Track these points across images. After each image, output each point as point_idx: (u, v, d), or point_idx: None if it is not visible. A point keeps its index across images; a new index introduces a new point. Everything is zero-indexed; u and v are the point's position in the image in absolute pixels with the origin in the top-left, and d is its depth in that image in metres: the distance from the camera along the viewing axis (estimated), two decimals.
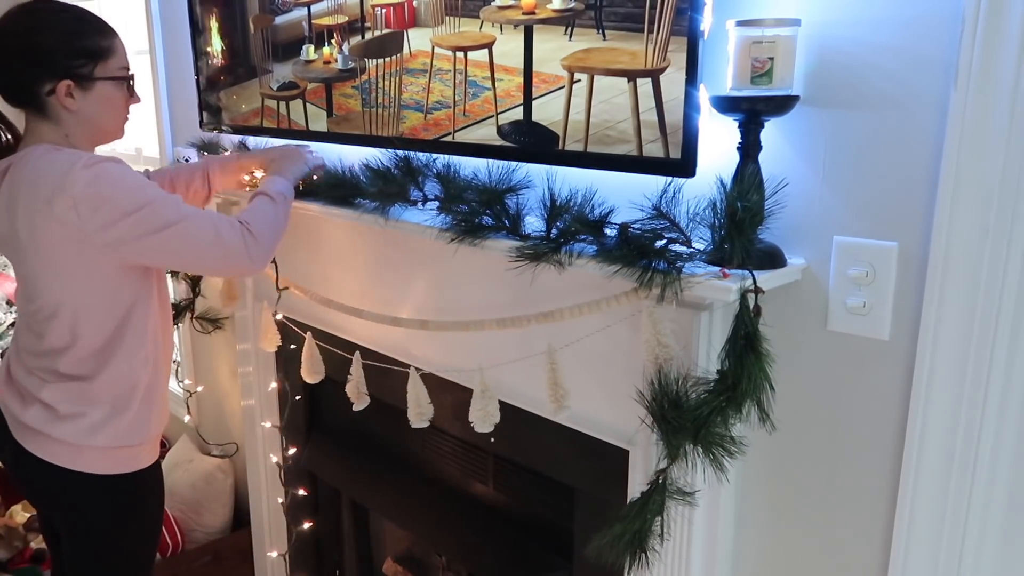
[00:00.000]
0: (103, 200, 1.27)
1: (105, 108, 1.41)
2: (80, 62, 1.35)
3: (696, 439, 1.02)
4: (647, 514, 1.06)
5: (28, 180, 1.31)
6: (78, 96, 1.36)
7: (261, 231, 1.38)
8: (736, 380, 1.01)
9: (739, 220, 0.97)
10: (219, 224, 1.34)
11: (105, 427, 1.44)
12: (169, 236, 1.31)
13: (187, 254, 1.36)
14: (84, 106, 1.38)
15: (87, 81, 1.37)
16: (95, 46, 1.37)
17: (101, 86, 1.38)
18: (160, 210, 1.30)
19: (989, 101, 0.88)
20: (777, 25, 0.98)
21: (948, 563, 1.02)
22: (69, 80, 1.35)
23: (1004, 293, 0.92)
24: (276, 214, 1.44)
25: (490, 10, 1.31)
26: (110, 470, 1.46)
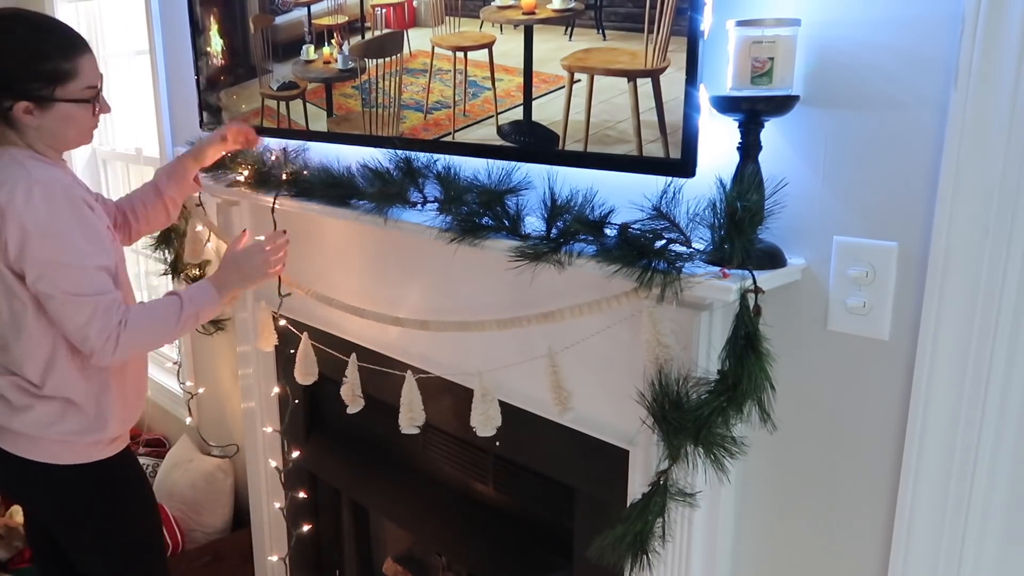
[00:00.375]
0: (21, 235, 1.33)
1: (66, 125, 1.42)
2: (37, 85, 1.37)
3: (697, 440, 1.02)
4: (648, 515, 1.06)
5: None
6: (37, 114, 1.39)
7: (133, 338, 1.40)
8: (737, 380, 1.01)
9: (739, 220, 0.97)
10: (98, 316, 1.36)
11: (59, 423, 1.48)
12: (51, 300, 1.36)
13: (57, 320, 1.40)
14: (44, 123, 1.40)
15: (46, 102, 1.38)
16: (55, 70, 1.37)
17: (61, 107, 1.40)
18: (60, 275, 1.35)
19: (989, 101, 0.88)
20: (777, 25, 0.98)
21: (948, 563, 1.01)
22: (26, 101, 1.37)
23: (1004, 293, 0.92)
24: (165, 325, 1.44)
25: (490, 10, 1.31)
26: (71, 460, 1.50)
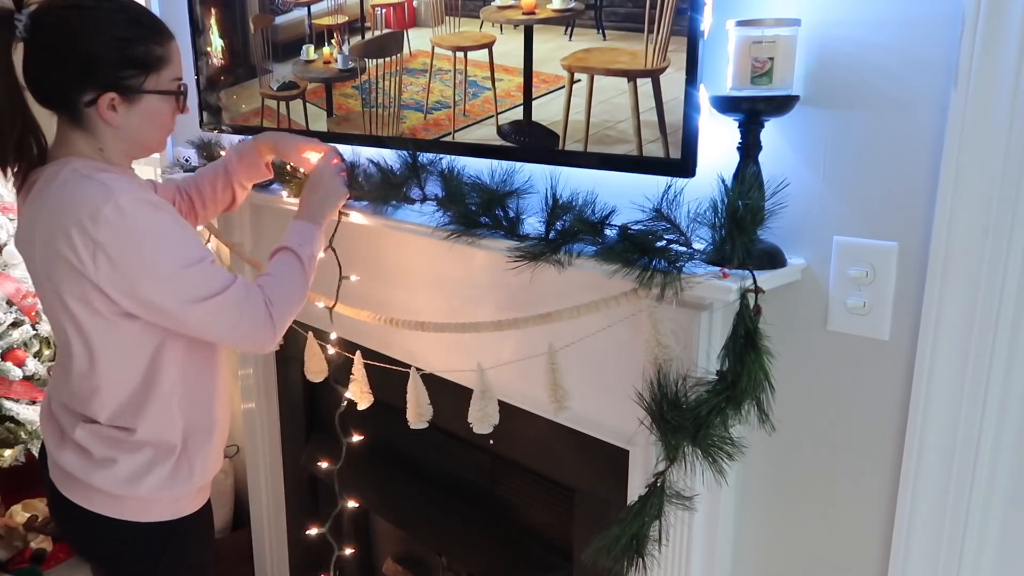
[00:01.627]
0: (125, 255, 1.13)
1: (150, 123, 1.24)
2: (129, 73, 1.18)
3: (695, 440, 1.02)
4: (644, 518, 1.06)
5: (51, 208, 1.16)
6: (122, 110, 1.19)
7: (283, 309, 1.24)
8: (736, 379, 1.01)
9: (740, 219, 0.97)
10: (244, 306, 1.20)
11: (144, 477, 1.29)
12: (186, 313, 1.17)
13: (202, 332, 1.22)
14: (127, 120, 1.21)
15: (134, 94, 1.19)
16: (149, 55, 1.19)
17: (149, 100, 1.21)
18: (187, 284, 1.16)
19: (989, 101, 0.88)
20: (777, 25, 0.98)
21: (948, 563, 1.01)
22: (114, 93, 1.17)
23: (1004, 293, 0.92)
24: (298, 281, 1.29)
25: (490, 10, 1.31)
26: (152, 518, 1.33)
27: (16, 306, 2.59)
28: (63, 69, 1.16)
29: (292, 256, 1.30)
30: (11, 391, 2.49)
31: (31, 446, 2.56)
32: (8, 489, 2.66)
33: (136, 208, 1.13)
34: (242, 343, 1.25)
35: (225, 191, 1.55)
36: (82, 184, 1.14)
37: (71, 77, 1.16)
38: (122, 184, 1.15)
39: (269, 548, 2.39)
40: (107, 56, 1.16)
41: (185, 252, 1.17)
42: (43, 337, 2.63)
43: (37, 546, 2.52)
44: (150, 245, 1.13)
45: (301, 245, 1.31)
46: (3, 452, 2.56)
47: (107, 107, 1.17)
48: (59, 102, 1.20)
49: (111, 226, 1.11)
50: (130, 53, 1.17)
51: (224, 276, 1.20)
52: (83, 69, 1.16)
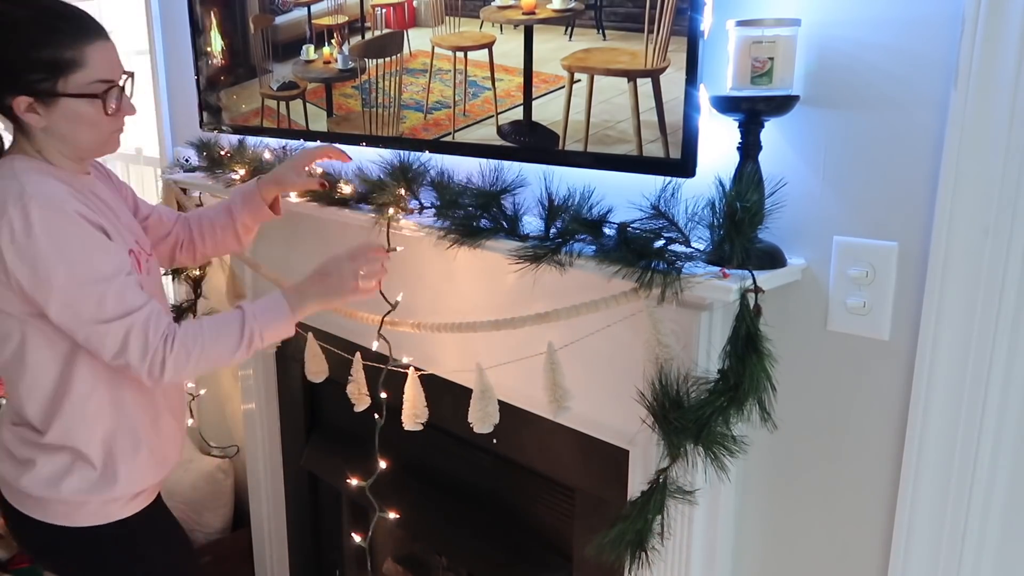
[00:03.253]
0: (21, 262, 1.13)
1: (77, 125, 1.20)
2: (37, 76, 1.16)
3: (698, 439, 1.02)
4: (648, 513, 1.06)
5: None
6: (43, 112, 1.18)
7: (182, 360, 1.18)
8: (738, 380, 1.01)
9: (738, 220, 0.97)
10: (129, 340, 1.15)
11: (64, 480, 1.27)
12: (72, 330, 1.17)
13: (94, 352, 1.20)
14: (52, 123, 1.19)
15: (49, 97, 1.17)
16: (57, 58, 1.16)
17: (67, 103, 1.18)
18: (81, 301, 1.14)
19: (989, 101, 0.88)
20: (777, 25, 0.98)
21: (948, 563, 1.01)
22: (27, 96, 1.16)
23: (1004, 293, 0.92)
24: (226, 347, 1.21)
25: (490, 10, 1.31)
26: (85, 522, 1.30)
27: None
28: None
29: (238, 318, 1.23)
30: None
31: None
32: None
33: (44, 215, 1.12)
34: (126, 374, 1.21)
35: (226, 232, 1.53)
36: (9, 183, 1.15)
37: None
38: (44, 188, 1.15)
39: (269, 548, 2.39)
40: (13, 61, 1.15)
41: (86, 265, 1.14)
42: None
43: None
44: (48, 256, 1.13)
45: (257, 316, 1.23)
46: None
47: (25, 110, 1.17)
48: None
49: (12, 230, 1.12)
50: (35, 56, 1.15)
51: (126, 301, 1.16)
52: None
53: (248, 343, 1.22)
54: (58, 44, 1.16)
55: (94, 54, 1.19)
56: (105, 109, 1.21)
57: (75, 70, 1.17)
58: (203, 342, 1.19)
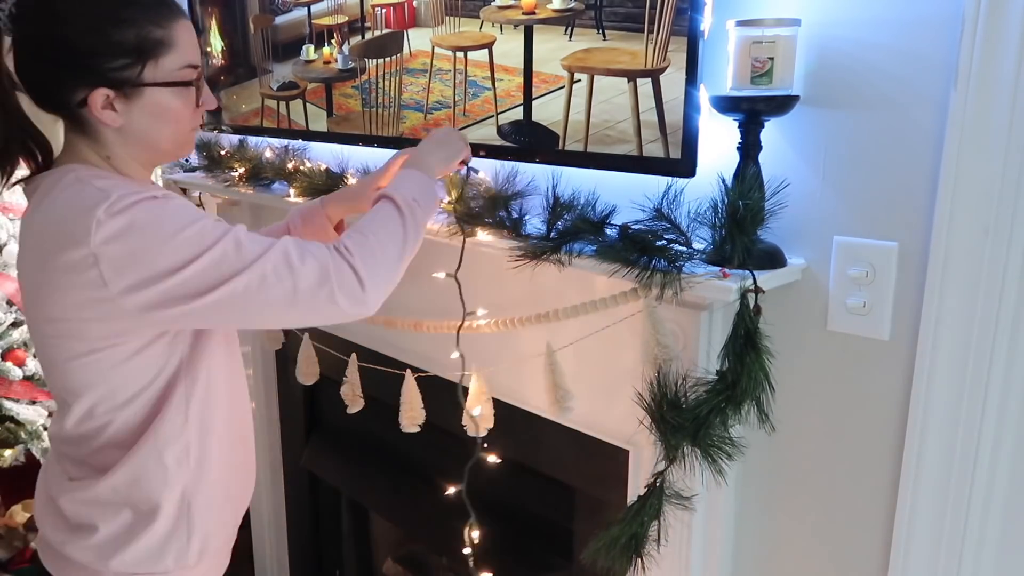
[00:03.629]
0: (134, 256, 0.92)
1: (159, 122, 1.01)
2: (120, 63, 0.96)
3: (695, 440, 1.02)
4: (643, 517, 1.06)
5: (42, 221, 0.98)
6: (121, 108, 0.98)
7: (368, 264, 0.98)
8: (736, 378, 1.01)
9: (740, 219, 0.97)
10: (299, 270, 0.95)
11: (125, 546, 1.06)
12: (225, 297, 0.93)
13: (253, 314, 0.97)
14: (130, 120, 0.99)
15: (132, 88, 0.98)
16: (144, 39, 0.97)
17: (152, 93, 0.99)
18: (214, 263, 0.93)
19: (989, 101, 0.88)
20: (777, 25, 0.98)
21: (948, 563, 1.01)
22: (106, 88, 0.97)
23: (1004, 293, 0.92)
24: (397, 234, 1.03)
25: (490, 10, 1.31)
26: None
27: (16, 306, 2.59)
28: (44, 64, 0.97)
29: (391, 208, 1.05)
30: (11, 391, 2.49)
31: (31, 446, 2.56)
32: (8, 489, 2.66)
33: (134, 207, 0.93)
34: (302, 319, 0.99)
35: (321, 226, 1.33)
36: (74, 189, 0.96)
37: (55, 73, 0.97)
38: (123, 188, 0.95)
39: (269, 548, 2.39)
40: (91, 44, 0.95)
41: (204, 229, 0.94)
42: None
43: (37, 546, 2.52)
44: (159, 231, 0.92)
45: (406, 196, 1.06)
46: (3, 452, 2.56)
47: (102, 106, 0.97)
48: (53, 104, 1.01)
49: (109, 231, 0.91)
50: (119, 38, 0.96)
51: (263, 239, 0.97)
52: (65, 63, 0.96)
53: (413, 228, 1.05)
54: (145, 21, 0.97)
55: (183, 33, 1.01)
56: (197, 99, 1.03)
57: (164, 53, 0.98)
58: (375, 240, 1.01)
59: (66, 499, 1.08)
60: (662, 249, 1.03)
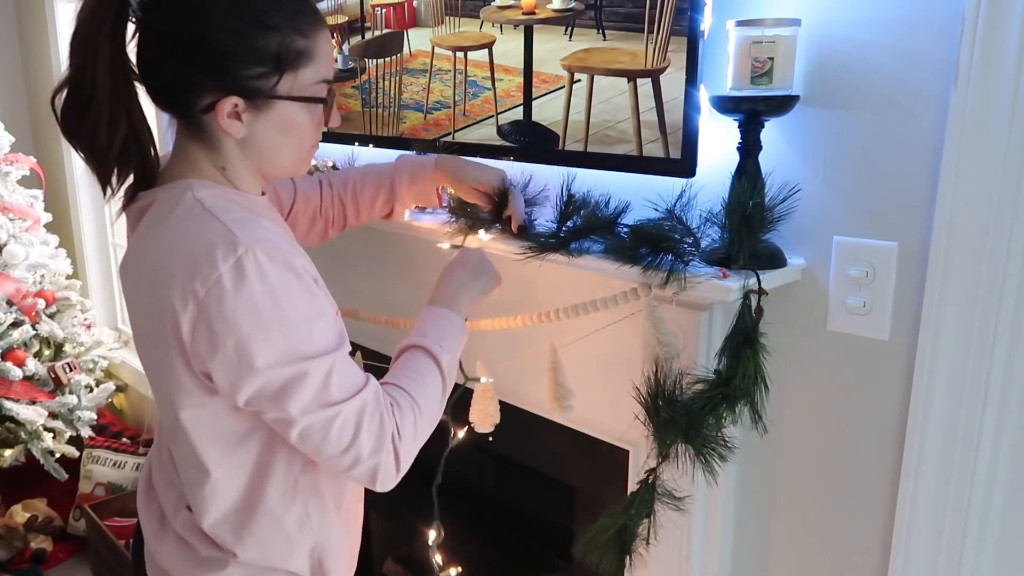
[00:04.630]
0: (229, 332, 0.83)
1: (284, 137, 0.93)
2: (258, 71, 0.88)
3: (686, 436, 1.02)
4: (632, 511, 1.06)
5: (166, 246, 0.88)
6: (248, 119, 0.90)
7: (409, 440, 0.93)
8: (731, 375, 1.01)
9: (749, 219, 0.97)
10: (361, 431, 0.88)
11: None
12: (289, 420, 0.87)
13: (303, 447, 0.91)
14: (254, 133, 0.91)
15: (264, 99, 0.89)
16: (287, 49, 0.88)
17: (283, 107, 0.91)
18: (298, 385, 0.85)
19: (989, 101, 0.88)
20: (777, 25, 0.98)
21: (948, 563, 1.01)
22: (238, 97, 0.88)
23: (1004, 293, 0.92)
24: (436, 399, 0.98)
25: (490, 10, 1.31)
26: None
27: (16, 306, 2.59)
28: (175, 61, 0.88)
29: (430, 361, 0.98)
30: (11, 391, 2.49)
31: (31, 446, 2.56)
32: (8, 489, 2.66)
33: (268, 272, 0.84)
34: (353, 476, 0.92)
35: (384, 208, 1.27)
36: (204, 224, 0.86)
37: (185, 73, 0.89)
38: (258, 231, 0.86)
39: None
40: (231, 48, 0.87)
41: (310, 337, 0.86)
42: (43, 337, 2.64)
43: (37, 546, 2.53)
44: (267, 322, 0.84)
45: (443, 346, 1.00)
46: (3, 452, 2.56)
47: (229, 115, 0.89)
48: (173, 103, 0.92)
49: (235, 289, 0.82)
50: (262, 45, 0.87)
51: (351, 378, 0.90)
52: (199, 64, 0.87)
53: (449, 376, 1.00)
54: (291, 29, 0.88)
55: (324, 45, 0.92)
56: (327, 118, 0.95)
57: (304, 65, 0.90)
58: (418, 408, 0.94)
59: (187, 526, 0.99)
60: (672, 243, 1.02)
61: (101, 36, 0.86)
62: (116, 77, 0.87)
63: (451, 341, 1.02)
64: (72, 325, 2.74)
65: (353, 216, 1.28)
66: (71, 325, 2.74)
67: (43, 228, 2.81)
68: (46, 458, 2.59)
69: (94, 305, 3.06)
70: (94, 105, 0.87)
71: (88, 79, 0.86)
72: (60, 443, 2.64)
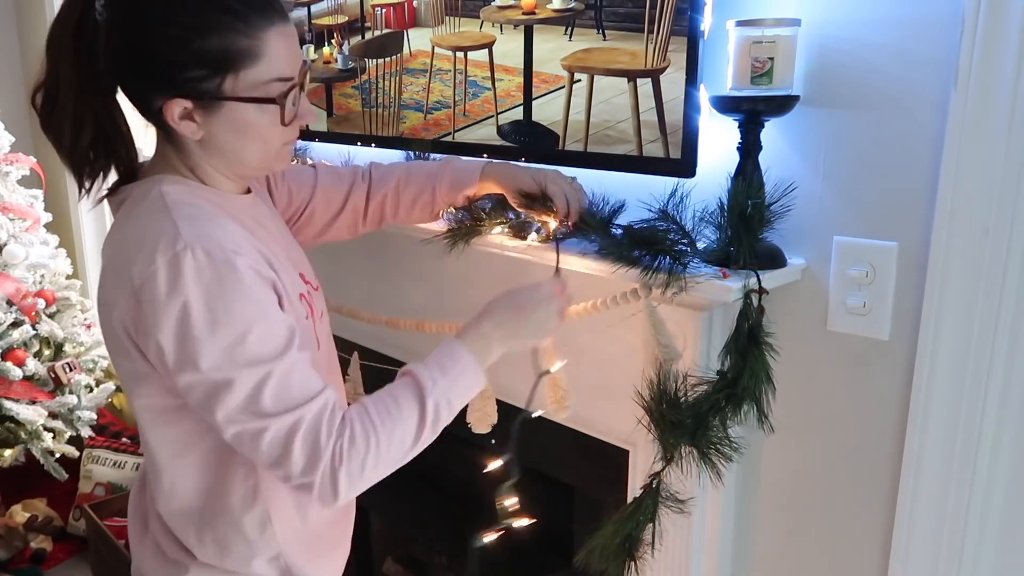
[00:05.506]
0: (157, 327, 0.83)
1: (243, 138, 0.91)
2: (199, 73, 0.86)
3: (693, 438, 1.02)
4: (638, 518, 1.06)
5: (114, 239, 0.91)
6: (201, 120, 0.89)
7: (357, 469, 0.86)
8: (737, 375, 1.01)
9: (748, 219, 0.97)
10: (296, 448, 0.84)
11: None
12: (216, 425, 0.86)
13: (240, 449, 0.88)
14: (211, 134, 0.90)
15: (211, 100, 0.87)
16: (227, 49, 0.85)
17: (234, 108, 0.88)
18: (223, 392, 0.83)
19: (989, 101, 0.88)
20: (777, 25, 0.98)
21: (948, 563, 1.01)
22: (184, 99, 0.87)
23: (1004, 293, 0.92)
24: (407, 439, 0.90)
25: (490, 10, 1.31)
26: None
27: (16, 306, 2.59)
28: (124, 64, 0.88)
29: (413, 396, 0.90)
30: (11, 391, 2.49)
31: (31, 446, 2.56)
32: (8, 489, 2.66)
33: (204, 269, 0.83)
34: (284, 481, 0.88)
35: (422, 213, 1.21)
36: (156, 219, 0.87)
37: (133, 76, 0.89)
38: (207, 228, 0.86)
39: None
40: (168, 52, 0.85)
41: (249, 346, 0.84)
42: (43, 337, 2.64)
43: (37, 546, 2.52)
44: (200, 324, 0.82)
45: (436, 384, 0.91)
46: (3, 452, 2.56)
47: (180, 116, 0.88)
48: (136, 104, 0.92)
49: (155, 286, 0.82)
50: (200, 46, 0.85)
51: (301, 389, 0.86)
52: (142, 67, 0.87)
53: (434, 422, 0.91)
54: (230, 29, 0.85)
55: (274, 42, 0.88)
56: (282, 118, 0.91)
57: (249, 64, 0.87)
58: (376, 439, 0.87)
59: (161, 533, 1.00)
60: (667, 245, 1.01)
61: (64, 37, 0.88)
62: (82, 78, 0.88)
63: (450, 383, 0.92)
64: (72, 325, 2.74)
65: (391, 214, 1.22)
66: (71, 325, 2.74)
67: (43, 228, 2.81)
68: (46, 458, 2.59)
69: (94, 305, 3.05)
70: (59, 104, 0.89)
71: (53, 79, 0.89)
72: (60, 443, 2.64)
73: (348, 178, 1.21)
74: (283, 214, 1.15)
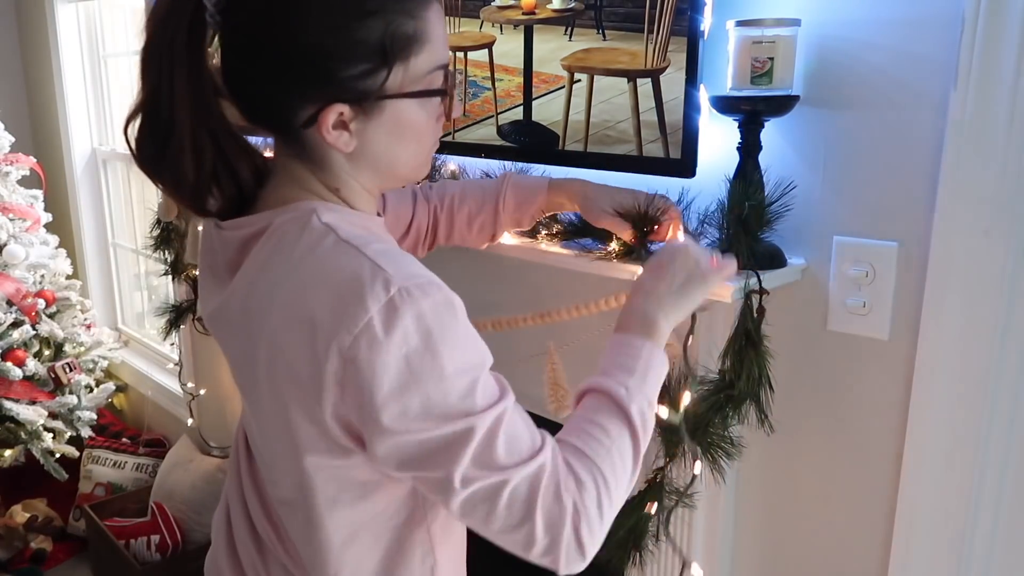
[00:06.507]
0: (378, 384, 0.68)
1: (399, 142, 0.77)
2: (361, 69, 0.71)
3: (694, 437, 1.02)
4: (641, 511, 1.06)
5: (297, 284, 0.71)
6: (357, 127, 0.74)
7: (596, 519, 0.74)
8: (735, 377, 1.01)
9: (745, 220, 0.97)
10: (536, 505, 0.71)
11: None
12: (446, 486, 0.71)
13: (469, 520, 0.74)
14: (365, 142, 0.75)
15: (374, 101, 0.73)
16: (393, 34, 0.71)
17: (396, 106, 0.74)
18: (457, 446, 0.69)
19: (989, 102, 0.88)
20: (777, 25, 0.98)
21: (948, 563, 1.01)
22: (342, 104, 0.72)
23: (1004, 293, 0.92)
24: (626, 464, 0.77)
25: (490, 10, 1.32)
26: None
27: (16, 306, 2.59)
28: (264, 70, 0.73)
29: (615, 412, 0.78)
30: (11, 391, 2.50)
31: (31, 446, 2.56)
32: (8, 489, 2.66)
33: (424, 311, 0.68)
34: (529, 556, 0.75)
35: (482, 235, 1.10)
36: (343, 257, 0.71)
37: (276, 82, 0.73)
38: (404, 265, 0.70)
39: None
40: (328, 45, 0.70)
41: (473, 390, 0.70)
42: (43, 337, 2.64)
43: (37, 546, 2.53)
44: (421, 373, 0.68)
45: (630, 389, 0.79)
46: (3, 452, 2.56)
47: (334, 126, 0.73)
48: (267, 119, 0.77)
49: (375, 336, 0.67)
50: (363, 36, 0.71)
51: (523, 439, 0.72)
52: (292, 69, 0.72)
53: (643, 427, 0.78)
54: (394, 11, 0.72)
55: (436, 23, 0.75)
56: (449, 111, 0.79)
57: (416, 51, 0.73)
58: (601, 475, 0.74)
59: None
60: None
61: (176, 49, 0.71)
62: (196, 96, 0.72)
63: (641, 380, 0.80)
64: (72, 325, 2.75)
65: (444, 235, 1.11)
66: (71, 325, 2.74)
67: (43, 228, 2.81)
68: (46, 458, 2.59)
69: (94, 305, 3.06)
70: (176, 133, 0.72)
71: (165, 102, 0.72)
72: (60, 443, 2.64)
73: (409, 196, 1.09)
74: None
